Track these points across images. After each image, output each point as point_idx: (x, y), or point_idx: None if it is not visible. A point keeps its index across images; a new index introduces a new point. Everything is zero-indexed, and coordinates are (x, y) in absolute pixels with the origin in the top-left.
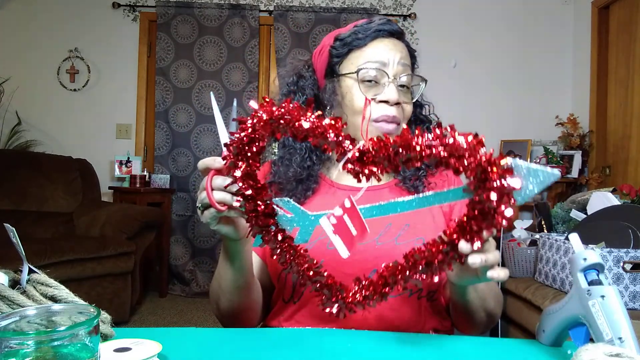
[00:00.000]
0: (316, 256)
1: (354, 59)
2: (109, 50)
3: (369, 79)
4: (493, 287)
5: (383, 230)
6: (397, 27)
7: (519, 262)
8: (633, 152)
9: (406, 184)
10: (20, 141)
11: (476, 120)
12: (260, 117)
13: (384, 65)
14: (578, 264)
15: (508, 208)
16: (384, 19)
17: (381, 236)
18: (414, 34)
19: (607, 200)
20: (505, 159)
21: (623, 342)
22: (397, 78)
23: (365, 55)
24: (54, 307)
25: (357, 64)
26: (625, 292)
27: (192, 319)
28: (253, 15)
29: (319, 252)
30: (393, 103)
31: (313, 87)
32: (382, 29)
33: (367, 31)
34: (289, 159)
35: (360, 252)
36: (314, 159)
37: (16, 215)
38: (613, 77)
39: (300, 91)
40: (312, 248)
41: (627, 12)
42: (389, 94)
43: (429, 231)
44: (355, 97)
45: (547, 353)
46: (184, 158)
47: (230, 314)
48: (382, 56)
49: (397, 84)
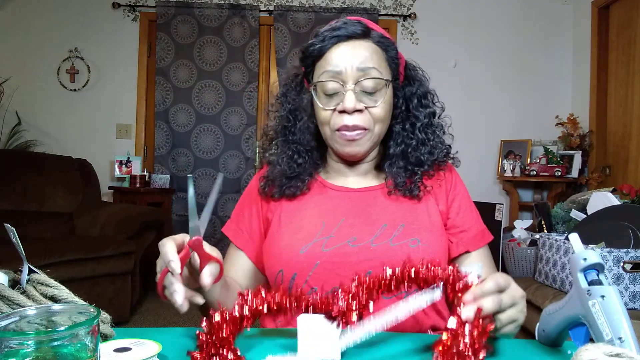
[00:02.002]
0: (311, 257)
1: (318, 69)
2: (109, 50)
3: (327, 92)
4: None
5: (378, 232)
6: (355, 29)
7: (519, 262)
8: (633, 152)
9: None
10: (20, 141)
11: (476, 120)
12: (219, 336)
13: (339, 74)
14: (578, 264)
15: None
16: (340, 22)
17: (376, 237)
18: (414, 34)
19: (607, 200)
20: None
21: (623, 342)
22: (358, 83)
23: (324, 65)
24: (54, 307)
25: (319, 74)
26: (625, 292)
27: (192, 319)
28: (253, 15)
29: (314, 255)
30: (351, 111)
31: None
32: (337, 34)
33: (324, 40)
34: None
35: (355, 253)
36: (305, 158)
37: (16, 215)
38: (613, 77)
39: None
40: (307, 250)
41: (627, 12)
42: (346, 102)
43: (424, 231)
44: (318, 110)
45: (547, 353)
46: (184, 158)
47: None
48: (337, 64)
49: (358, 90)
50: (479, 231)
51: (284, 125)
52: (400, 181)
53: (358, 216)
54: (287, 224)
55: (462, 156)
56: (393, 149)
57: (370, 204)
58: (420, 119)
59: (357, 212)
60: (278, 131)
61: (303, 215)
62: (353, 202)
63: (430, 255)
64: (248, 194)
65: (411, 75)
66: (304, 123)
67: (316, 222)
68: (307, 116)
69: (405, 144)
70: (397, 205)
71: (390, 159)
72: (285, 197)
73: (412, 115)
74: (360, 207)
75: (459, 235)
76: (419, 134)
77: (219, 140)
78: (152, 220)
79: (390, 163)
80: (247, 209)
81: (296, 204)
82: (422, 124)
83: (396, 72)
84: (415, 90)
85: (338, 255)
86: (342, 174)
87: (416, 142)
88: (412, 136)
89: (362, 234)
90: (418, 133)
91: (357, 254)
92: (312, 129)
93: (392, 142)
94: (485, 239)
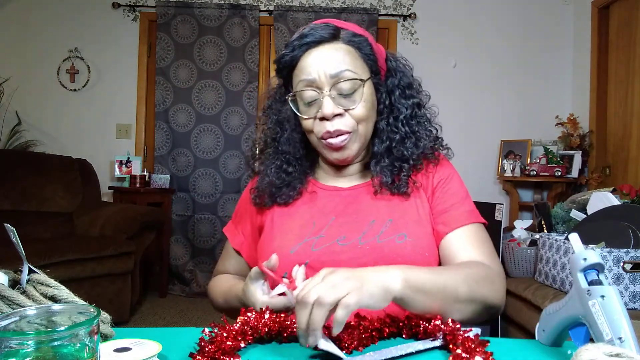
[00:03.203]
0: (301, 257)
1: (295, 79)
2: (109, 50)
3: (306, 101)
4: (463, 270)
5: (367, 228)
6: (322, 33)
7: (519, 262)
8: (633, 152)
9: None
10: (20, 141)
11: (476, 120)
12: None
13: (314, 82)
14: (578, 264)
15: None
16: (308, 28)
17: (364, 235)
18: (414, 34)
19: (607, 200)
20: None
21: (623, 342)
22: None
23: (299, 74)
24: (54, 307)
25: (296, 83)
26: (625, 292)
27: (192, 319)
28: (253, 15)
29: (304, 255)
30: (330, 117)
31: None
32: (305, 42)
33: (294, 49)
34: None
35: (344, 251)
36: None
37: (16, 215)
38: (613, 77)
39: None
40: (297, 250)
41: (627, 12)
42: (324, 109)
43: (411, 225)
44: (301, 119)
45: (547, 353)
46: (184, 158)
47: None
48: (310, 72)
49: (334, 94)
50: (462, 211)
51: (272, 137)
52: (386, 180)
53: (348, 215)
54: (279, 225)
55: (462, 156)
56: (377, 147)
57: (359, 201)
58: (403, 111)
59: (347, 210)
60: (267, 143)
61: (295, 217)
62: (343, 201)
63: (417, 248)
64: (242, 202)
65: (392, 67)
66: (290, 133)
67: (307, 222)
68: (293, 126)
69: (390, 139)
70: (386, 200)
71: (375, 157)
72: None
73: (395, 109)
74: (350, 205)
75: (439, 217)
76: (402, 128)
77: (219, 140)
78: (152, 220)
79: (376, 162)
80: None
81: (288, 207)
82: (406, 115)
83: (374, 67)
84: (397, 82)
85: (327, 254)
86: (333, 175)
87: (400, 137)
88: (395, 130)
89: (351, 232)
90: (402, 127)
91: (346, 252)
92: (299, 138)
93: (377, 140)
94: (470, 219)
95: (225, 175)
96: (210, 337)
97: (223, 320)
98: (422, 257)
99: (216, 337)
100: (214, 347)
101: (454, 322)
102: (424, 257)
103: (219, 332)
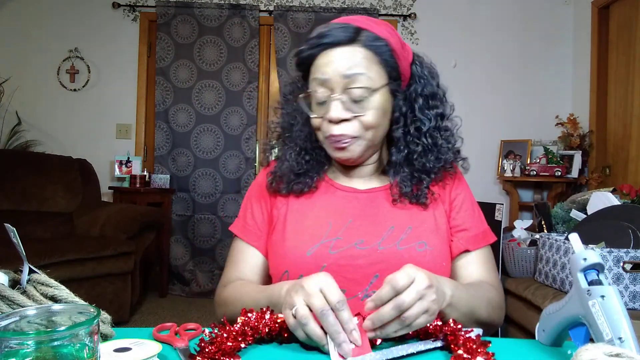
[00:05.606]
0: (318, 260)
1: (311, 75)
2: (109, 50)
3: (318, 100)
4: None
5: (386, 234)
6: (340, 35)
7: (519, 262)
8: (633, 152)
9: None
10: (20, 141)
11: (476, 120)
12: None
13: (326, 82)
14: (578, 264)
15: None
16: (327, 27)
17: (383, 240)
18: (414, 34)
19: (607, 200)
20: None
21: (623, 342)
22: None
23: (314, 71)
24: (54, 307)
25: (311, 80)
26: (625, 292)
27: (192, 319)
28: (253, 15)
29: (321, 257)
30: (336, 121)
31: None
32: (322, 42)
33: (311, 47)
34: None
35: (363, 256)
36: (312, 155)
37: (16, 215)
38: (613, 77)
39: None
40: (314, 252)
41: (627, 12)
42: (330, 113)
43: (430, 234)
44: (311, 117)
45: (547, 353)
46: (184, 158)
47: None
48: (324, 72)
49: (345, 98)
50: (480, 231)
51: (290, 123)
52: (405, 190)
53: (365, 218)
54: (293, 223)
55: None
56: (395, 157)
57: (377, 205)
58: (426, 123)
59: (364, 213)
60: (285, 127)
61: (309, 215)
62: (360, 203)
63: (436, 258)
64: (255, 189)
65: (417, 73)
66: (304, 124)
67: (322, 222)
68: (305, 120)
69: (410, 150)
70: (404, 209)
71: (393, 166)
72: (293, 194)
73: (417, 119)
74: (367, 208)
75: (459, 234)
76: (425, 140)
77: (219, 140)
78: (152, 220)
79: (394, 171)
80: (256, 204)
81: (303, 202)
82: (429, 128)
83: (394, 73)
84: (421, 90)
85: (345, 257)
86: (346, 175)
87: (422, 148)
88: (417, 142)
89: (369, 236)
90: (424, 139)
91: (365, 257)
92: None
93: (394, 149)
94: (486, 239)
95: (225, 175)
96: (210, 337)
97: (223, 321)
98: (440, 266)
99: (216, 338)
100: (214, 348)
101: (455, 322)
102: (441, 267)
103: (219, 332)
